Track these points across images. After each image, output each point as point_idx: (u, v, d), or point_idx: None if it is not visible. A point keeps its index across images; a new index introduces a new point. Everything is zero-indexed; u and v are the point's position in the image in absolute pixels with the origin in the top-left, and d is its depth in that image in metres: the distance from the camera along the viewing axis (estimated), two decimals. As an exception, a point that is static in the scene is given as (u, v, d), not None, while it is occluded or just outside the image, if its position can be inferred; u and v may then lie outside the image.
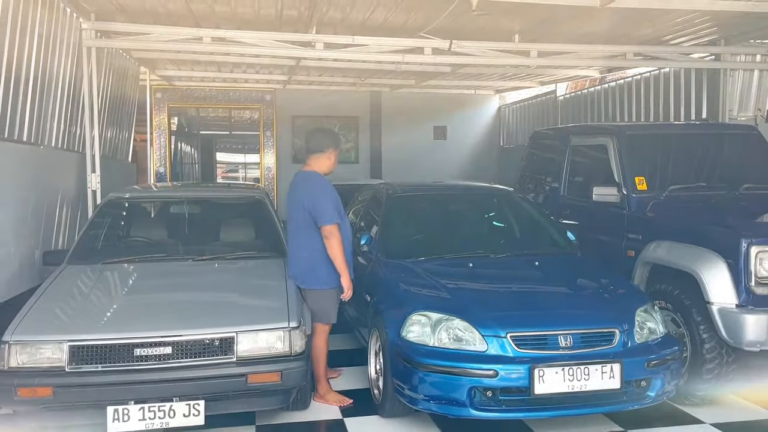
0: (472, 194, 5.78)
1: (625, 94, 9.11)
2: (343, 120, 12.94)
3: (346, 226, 4.31)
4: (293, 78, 10.84)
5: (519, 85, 12.28)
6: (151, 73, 10.27)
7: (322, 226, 4.09)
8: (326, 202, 4.13)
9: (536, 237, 5.16)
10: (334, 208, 4.13)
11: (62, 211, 5.72)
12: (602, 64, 7.93)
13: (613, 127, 5.61)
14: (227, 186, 8.64)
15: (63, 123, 6.02)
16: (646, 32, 7.08)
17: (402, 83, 11.40)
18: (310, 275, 4.19)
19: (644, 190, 5.01)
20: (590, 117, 10.04)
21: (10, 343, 3.37)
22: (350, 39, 6.74)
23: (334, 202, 4.15)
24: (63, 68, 5.94)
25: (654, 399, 3.67)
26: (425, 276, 4.23)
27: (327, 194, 4.17)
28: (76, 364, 3.38)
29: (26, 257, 4.81)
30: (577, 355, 3.53)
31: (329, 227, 4.08)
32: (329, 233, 4.08)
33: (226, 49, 6.92)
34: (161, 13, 6.39)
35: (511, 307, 3.93)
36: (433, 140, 13.45)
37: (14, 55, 4.77)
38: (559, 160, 6.16)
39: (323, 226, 4.09)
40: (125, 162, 9.13)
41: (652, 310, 3.92)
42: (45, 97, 5.52)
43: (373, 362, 4.28)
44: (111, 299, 4.05)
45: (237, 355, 3.53)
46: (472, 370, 3.47)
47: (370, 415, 4.13)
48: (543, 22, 6.69)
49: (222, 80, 11.58)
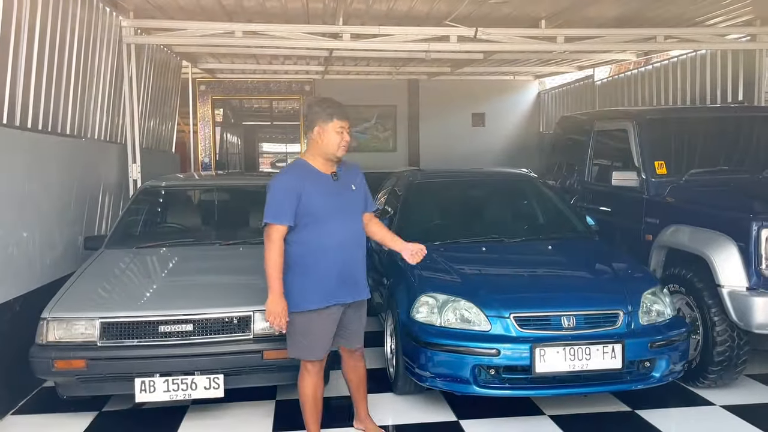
0: (491, 180, 5.87)
1: (661, 77, 8.94)
2: (381, 108, 13.11)
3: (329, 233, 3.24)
4: (330, 68, 11.04)
5: (557, 71, 12.17)
6: (193, 67, 10.64)
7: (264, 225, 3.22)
8: (270, 197, 3.22)
9: (554, 222, 5.21)
10: (277, 206, 3.18)
11: (104, 199, 6.08)
12: (632, 47, 7.81)
13: (634, 112, 5.59)
14: (256, 174, 8.93)
15: (105, 116, 6.37)
16: (678, 13, 6.95)
17: (438, 71, 11.46)
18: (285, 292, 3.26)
19: (664, 174, 5.01)
20: (627, 101, 9.89)
21: (48, 320, 3.69)
22: (376, 29, 6.87)
23: (279, 198, 3.19)
24: (104, 64, 6.28)
25: (659, 379, 3.73)
26: (438, 260, 4.36)
27: (275, 186, 3.24)
28: (107, 339, 3.67)
29: (70, 242, 5.16)
30: (579, 335, 3.62)
31: (266, 228, 3.20)
32: (265, 235, 3.20)
33: (258, 42, 7.15)
34: (195, 10, 6.66)
35: (517, 289, 4.03)
36: (471, 127, 13.46)
37: (56, 53, 5.10)
38: (584, 146, 6.18)
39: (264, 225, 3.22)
40: (168, 152, 9.52)
41: (660, 293, 3.95)
42: (87, 92, 5.86)
43: (389, 342, 4.45)
44: (141, 281, 4.36)
45: (254, 332, 3.76)
46: (476, 349, 3.61)
47: (385, 393, 4.31)
48: (569, 7, 6.66)
49: (262, 72, 11.89)
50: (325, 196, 3.25)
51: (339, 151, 3.28)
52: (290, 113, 13.67)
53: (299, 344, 3.30)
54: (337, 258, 3.25)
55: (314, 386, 3.39)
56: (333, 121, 3.24)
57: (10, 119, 4.38)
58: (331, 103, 3.32)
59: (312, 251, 3.21)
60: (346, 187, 3.37)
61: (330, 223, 3.24)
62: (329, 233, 3.23)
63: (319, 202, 3.23)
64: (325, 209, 3.24)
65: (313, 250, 3.21)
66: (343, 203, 3.32)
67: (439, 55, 8.55)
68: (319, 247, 3.22)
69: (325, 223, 3.23)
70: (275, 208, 3.17)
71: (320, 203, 3.23)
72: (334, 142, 3.25)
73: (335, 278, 3.25)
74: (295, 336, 3.29)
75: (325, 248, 3.22)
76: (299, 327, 3.26)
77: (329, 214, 3.25)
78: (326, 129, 3.24)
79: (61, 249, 5.00)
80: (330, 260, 3.23)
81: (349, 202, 3.36)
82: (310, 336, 3.27)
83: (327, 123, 3.24)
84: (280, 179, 3.27)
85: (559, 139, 7.13)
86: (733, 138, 5.38)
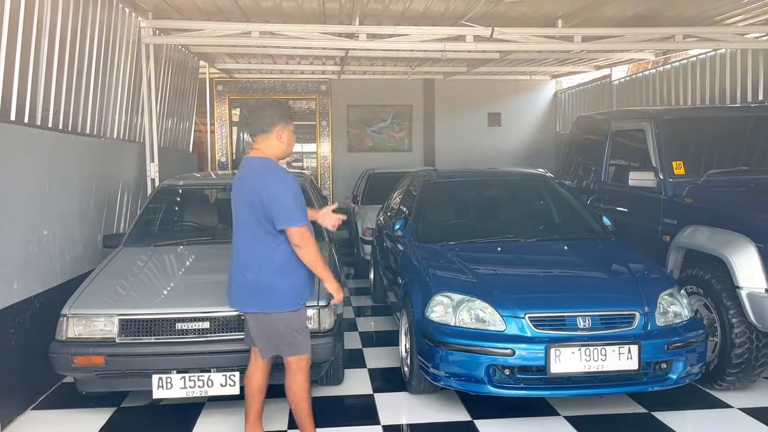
0: (506, 180, 5.86)
1: (680, 76, 8.85)
2: (396, 108, 13.11)
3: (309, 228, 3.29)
4: (346, 68, 11.07)
5: (574, 70, 12.09)
6: (210, 67, 10.72)
7: (288, 228, 3.12)
8: (289, 198, 3.12)
9: (570, 222, 5.19)
10: (299, 206, 3.16)
11: (123, 197, 6.15)
12: (650, 47, 7.75)
13: (651, 112, 5.55)
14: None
15: (124, 115, 6.45)
16: (697, 12, 6.88)
17: (454, 70, 11.44)
18: (267, 295, 3.21)
19: (682, 175, 4.97)
20: (645, 101, 9.81)
21: (68, 316, 3.76)
22: (392, 29, 6.89)
23: (295, 198, 3.16)
24: (123, 64, 6.36)
25: (675, 381, 3.70)
26: (453, 259, 4.37)
27: (288, 187, 3.15)
28: (125, 336, 3.73)
29: (89, 240, 5.23)
30: (594, 336, 3.60)
31: (297, 230, 3.11)
32: (300, 238, 3.12)
33: (275, 42, 7.20)
34: (212, 11, 6.72)
35: (532, 289, 4.02)
36: (487, 127, 13.41)
37: (76, 54, 5.17)
38: (601, 146, 6.15)
39: (289, 228, 3.12)
40: (185, 151, 9.61)
41: (677, 294, 3.92)
42: (107, 92, 5.93)
43: (403, 341, 4.46)
44: (158, 278, 4.41)
45: (269, 330, 3.79)
46: (491, 349, 3.61)
47: (400, 392, 4.32)
48: (586, 6, 6.62)
49: (279, 72, 11.96)
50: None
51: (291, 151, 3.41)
52: (306, 113, 13.70)
53: (297, 341, 3.30)
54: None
55: (309, 383, 3.42)
56: (289, 123, 3.31)
57: (32, 119, 4.45)
58: (283, 106, 3.45)
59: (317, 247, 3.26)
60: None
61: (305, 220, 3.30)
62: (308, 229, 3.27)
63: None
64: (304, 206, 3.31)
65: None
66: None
67: (455, 55, 8.54)
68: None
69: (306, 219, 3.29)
70: (301, 209, 3.18)
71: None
72: (293, 142, 3.34)
73: (307, 278, 3.34)
74: (291, 334, 3.28)
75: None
76: (294, 324, 3.28)
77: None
78: (286, 130, 3.28)
79: (81, 247, 5.07)
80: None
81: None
82: (303, 331, 3.34)
83: (287, 125, 3.28)
84: (292, 179, 3.24)
85: (575, 139, 7.09)
86: (752, 138, 5.32)
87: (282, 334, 3.28)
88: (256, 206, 3.14)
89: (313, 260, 3.21)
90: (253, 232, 3.20)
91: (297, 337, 3.30)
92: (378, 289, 6.50)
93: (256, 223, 3.17)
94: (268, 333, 3.29)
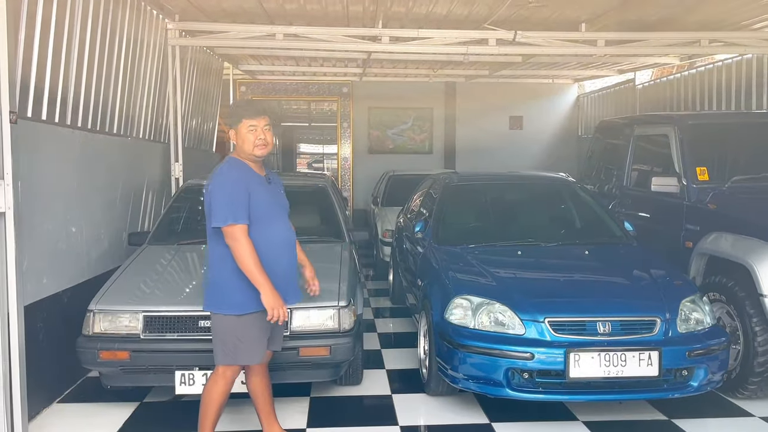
0: (527, 183, 5.84)
1: (705, 81, 8.76)
2: (417, 111, 13.13)
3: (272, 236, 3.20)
4: (368, 70, 11.12)
5: (597, 74, 12.01)
6: (234, 68, 10.84)
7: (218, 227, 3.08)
8: (221, 197, 3.07)
9: (591, 226, 5.17)
10: (231, 204, 3.05)
11: (148, 196, 6.26)
12: (675, 51, 7.68)
13: (675, 117, 5.52)
14: (294, 174, 9.04)
15: (150, 116, 6.56)
16: (722, 17, 6.82)
17: (476, 73, 11.43)
18: (216, 294, 3.17)
19: (706, 181, 4.93)
20: (669, 106, 9.72)
21: (95, 312, 3.84)
22: (415, 32, 6.92)
23: (231, 197, 3.07)
24: (150, 65, 6.47)
25: (696, 389, 3.68)
26: (472, 262, 4.39)
27: (223, 185, 3.11)
28: (150, 332, 3.80)
29: (114, 238, 5.33)
30: (615, 341, 3.59)
31: (227, 230, 3.05)
32: (230, 238, 3.05)
33: (298, 44, 7.27)
34: (238, 13, 6.81)
35: (552, 293, 4.02)
36: (508, 130, 13.37)
37: (105, 55, 5.28)
38: (624, 150, 6.13)
39: (222, 228, 3.07)
40: (209, 151, 9.73)
41: (699, 301, 3.90)
42: (134, 93, 6.05)
43: (422, 343, 4.49)
44: (182, 276, 4.49)
45: (290, 329, 3.84)
46: (510, 352, 3.61)
47: (418, 393, 4.35)
48: (610, 10, 6.59)
49: (301, 74, 12.05)
50: (266, 197, 3.21)
51: (256, 150, 3.17)
52: (328, 115, 13.80)
53: (235, 348, 3.15)
54: (278, 260, 3.21)
55: (225, 394, 3.26)
56: (242, 122, 3.18)
57: (62, 118, 4.55)
58: (239, 104, 3.28)
59: (259, 251, 3.10)
60: (277, 191, 3.35)
61: (273, 224, 3.20)
62: (273, 234, 3.19)
63: (263, 202, 3.17)
64: (268, 210, 3.19)
65: (258, 251, 3.09)
66: (280, 206, 3.31)
67: (478, 58, 8.53)
68: (263, 248, 3.12)
69: (268, 223, 3.18)
70: (234, 207, 3.05)
71: (264, 203, 3.17)
72: (249, 142, 3.16)
73: (280, 279, 3.17)
74: (231, 340, 3.14)
75: (268, 250, 3.15)
76: (237, 330, 3.13)
77: (271, 215, 3.21)
78: (238, 131, 3.19)
79: (107, 244, 5.17)
80: (273, 262, 3.16)
81: (283, 206, 3.35)
82: (248, 340, 3.16)
83: (237, 125, 3.20)
84: (230, 176, 3.14)
85: (598, 144, 7.07)
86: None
87: (221, 339, 3.17)
88: (207, 206, 3.17)
89: (242, 263, 3.04)
90: (209, 231, 3.18)
91: (238, 346, 3.15)
92: (397, 290, 6.53)
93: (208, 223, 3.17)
94: (213, 333, 3.21)
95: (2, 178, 3.20)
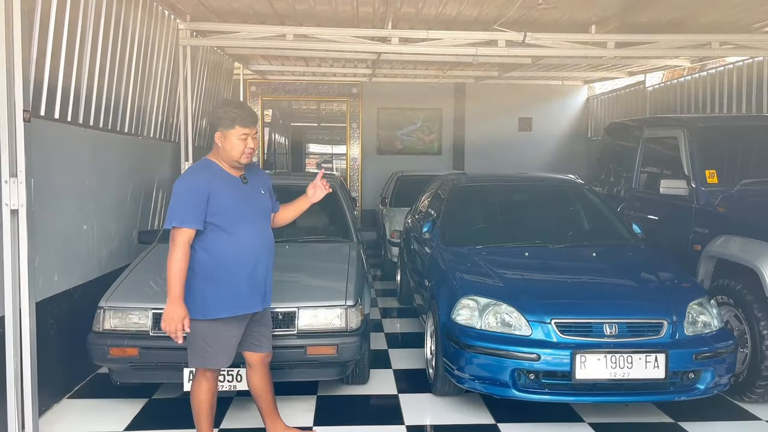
0: (535, 185, 5.85)
1: (716, 84, 8.72)
2: (426, 111, 13.14)
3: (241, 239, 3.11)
4: (378, 71, 11.14)
5: (607, 76, 11.97)
6: (244, 68, 10.90)
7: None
8: (174, 199, 3.04)
9: (599, 228, 5.18)
10: (181, 208, 2.99)
11: (158, 195, 6.31)
12: (685, 53, 7.65)
13: (685, 119, 5.50)
14: (303, 174, 9.07)
15: (161, 115, 6.61)
16: (734, 20, 6.79)
17: (485, 74, 11.42)
18: (187, 299, 3.07)
19: (715, 184, 4.92)
20: (680, 108, 9.68)
21: (105, 308, 3.89)
22: (425, 33, 6.93)
23: (183, 200, 3.01)
24: (161, 65, 6.52)
25: (703, 392, 3.67)
26: (480, 263, 4.40)
27: (179, 187, 3.05)
28: (159, 329, 3.80)
29: (125, 236, 5.38)
30: (621, 343, 3.60)
31: (172, 232, 3.01)
32: (171, 238, 3.02)
33: (308, 45, 7.30)
34: (248, 13, 6.85)
35: (559, 295, 4.03)
36: (517, 132, 13.35)
37: (117, 55, 5.33)
38: (633, 153, 6.11)
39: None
40: (219, 151, 9.77)
41: (707, 303, 3.89)
42: (145, 92, 6.10)
43: (429, 343, 4.50)
44: (191, 274, 4.51)
45: (298, 328, 3.88)
46: (516, 353, 3.63)
47: (424, 393, 4.36)
48: (620, 12, 6.58)
49: (311, 74, 12.09)
50: (235, 199, 3.10)
51: (242, 158, 3.10)
52: (337, 115, 13.84)
53: (203, 353, 3.13)
54: (247, 265, 3.12)
55: (211, 392, 3.27)
56: (234, 128, 3.06)
57: (74, 117, 4.60)
58: (234, 108, 3.14)
59: (221, 257, 3.05)
60: (255, 192, 3.24)
61: (241, 228, 3.10)
62: (240, 239, 3.09)
63: (230, 205, 3.07)
64: (235, 213, 3.08)
65: (223, 255, 3.05)
66: (254, 208, 3.20)
67: (487, 60, 8.54)
68: (229, 253, 3.06)
69: (235, 227, 3.08)
70: (182, 210, 2.98)
71: (231, 206, 3.07)
72: (237, 149, 3.07)
73: (245, 286, 3.12)
74: (199, 344, 3.12)
75: (235, 255, 3.08)
76: (204, 335, 3.10)
77: (240, 218, 3.10)
78: (228, 135, 3.07)
79: (117, 242, 5.22)
80: (240, 267, 3.10)
81: (260, 207, 3.25)
82: (215, 345, 3.12)
83: (228, 130, 3.06)
84: (187, 179, 3.07)
85: (607, 146, 7.05)
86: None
87: (191, 342, 3.14)
88: None
89: (168, 265, 2.99)
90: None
91: (207, 350, 3.13)
92: (404, 291, 6.55)
93: None
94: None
95: (15, 175, 3.25)
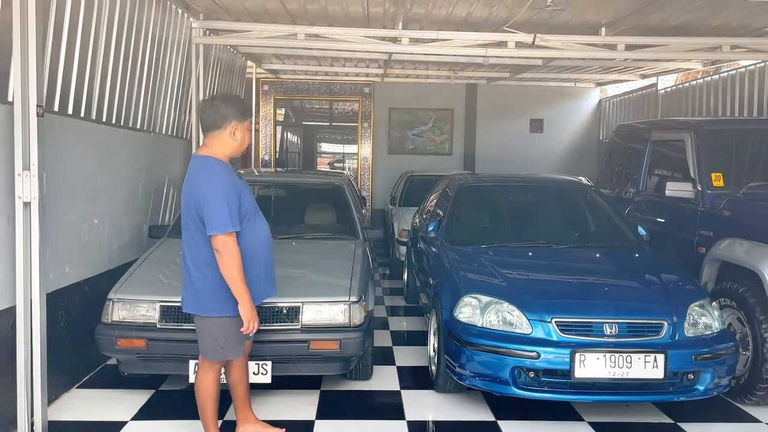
0: (542, 186, 5.89)
1: (728, 87, 8.68)
2: (438, 112, 13.18)
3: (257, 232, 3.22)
4: (389, 71, 11.21)
5: (619, 78, 11.96)
6: (257, 67, 11.00)
7: (211, 235, 3.02)
8: (217, 203, 2.99)
9: (604, 230, 5.20)
10: (229, 211, 3.00)
11: (168, 191, 6.40)
12: (696, 56, 7.64)
13: (692, 122, 5.50)
14: (312, 172, 9.13)
15: (173, 112, 6.71)
16: (745, 23, 6.77)
17: (497, 75, 11.45)
18: (206, 298, 3.15)
19: (721, 187, 4.93)
20: (691, 111, 9.64)
21: (114, 300, 3.97)
22: (435, 34, 6.99)
23: (228, 203, 3.00)
24: (174, 63, 6.62)
25: (703, 392, 3.69)
26: (484, 262, 4.44)
27: (218, 191, 3.01)
28: (166, 322, 3.92)
29: (135, 230, 5.48)
30: (620, 343, 3.63)
31: (220, 238, 3.00)
32: (221, 246, 3.00)
33: (320, 44, 7.38)
34: (261, 12, 6.93)
35: (559, 294, 4.07)
36: (529, 133, 13.36)
37: (131, 52, 5.42)
38: (641, 155, 6.12)
39: (211, 235, 3.01)
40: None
41: (708, 305, 3.91)
42: (157, 89, 6.19)
43: (432, 341, 4.55)
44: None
45: (302, 323, 3.94)
46: (516, 351, 3.66)
47: (426, 390, 4.41)
48: (631, 14, 6.58)
49: (324, 73, 12.18)
50: (250, 196, 3.23)
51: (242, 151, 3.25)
52: (349, 114, 13.91)
53: (225, 345, 3.22)
54: (264, 256, 3.27)
55: (217, 382, 3.35)
56: (247, 120, 3.16)
57: (87, 113, 4.69)
58: (240, 100, 3.23)
59: (248, 252, 3.13)
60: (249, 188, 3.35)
61: (256, 223, 3.22)
62: (256, 233, 3.21)
63: (249, 202, 3.19)
64: (251, 208, 3.20)
65: (249, 251, 3.14)
66: (255, 203, 3.32)
67: (498, 61, 8.57)
68: (250, 246, 3.15)
69: (253, 223, 3.19)
70: (231, 214, 3.01)
71: (250, 202, 3.20)
72: (247, 141, 3.20)
73: (263, 277, 3.28)
74: (220, 339, 3.20)
75: (255, 246, 3.19)
76: (225, 330, 3.18)
77: (254, 213, 3.22)
78: (242, 128, 3.16)
79: (128, 236, 5.31)
80: (260, 260, 3.23)
81: (256, 202, 3.35)
82: (236, 338, 3.23)
83: (242, 122, 3.15)
84: (222, 182, 3.05)
85: (615, 148, 7.06)
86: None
87: (213, 337, 3.22)
88: (191, 209, 3.08)
89: (228, 272, 3.03)
90: (193, 235, 3.13)
91: (228, 342, 3.23)
92: (411, 290, 6.60)
93: (194, 226, 3.10)
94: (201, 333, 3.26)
95: (28, 168, 3.34)
